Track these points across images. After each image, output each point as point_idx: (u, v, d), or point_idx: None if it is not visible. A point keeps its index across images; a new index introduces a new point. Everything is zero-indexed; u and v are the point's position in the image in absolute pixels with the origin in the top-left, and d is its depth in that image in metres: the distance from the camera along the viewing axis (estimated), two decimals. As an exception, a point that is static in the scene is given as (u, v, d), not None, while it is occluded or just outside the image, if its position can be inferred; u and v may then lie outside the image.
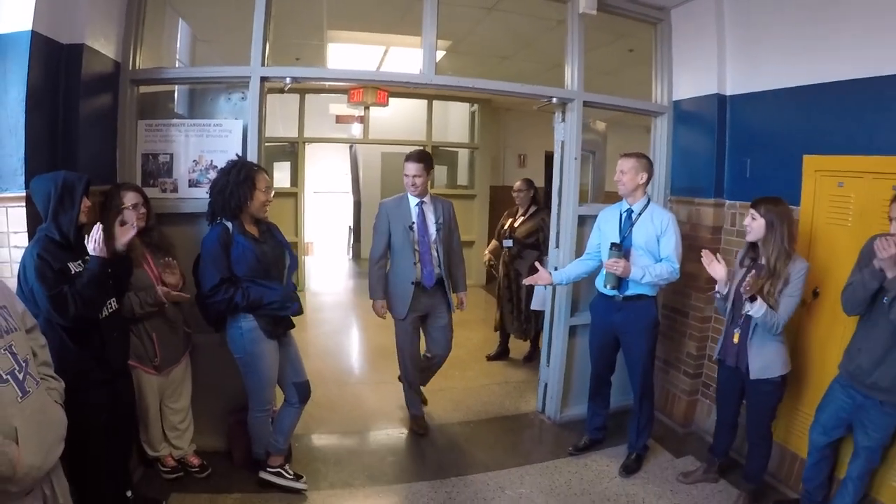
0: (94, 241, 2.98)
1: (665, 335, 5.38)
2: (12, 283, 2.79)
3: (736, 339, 3.90)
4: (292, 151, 10.37)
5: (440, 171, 11.71)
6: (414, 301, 4.89)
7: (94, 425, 2.94)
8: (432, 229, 4.92)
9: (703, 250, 4.02)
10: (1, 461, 1.90)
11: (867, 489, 3.65)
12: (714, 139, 5.09)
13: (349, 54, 7.86)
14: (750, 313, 3.70)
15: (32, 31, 3.27)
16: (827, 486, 3.83)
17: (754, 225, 3.80)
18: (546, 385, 5.50)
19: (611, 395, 4.95)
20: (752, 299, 3.66)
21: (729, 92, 5.06)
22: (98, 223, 3.07)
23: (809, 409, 3.88)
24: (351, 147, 12.85)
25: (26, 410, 2.09)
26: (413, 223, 4.86)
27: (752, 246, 3.91)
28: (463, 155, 11.87)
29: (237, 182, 3.70)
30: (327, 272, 12.53)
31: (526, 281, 4.82)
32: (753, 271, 3.83)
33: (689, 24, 5.29)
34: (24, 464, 1.99)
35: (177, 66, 5.17)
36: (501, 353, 7.03)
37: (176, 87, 4.71)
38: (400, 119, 10.79)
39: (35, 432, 2.11)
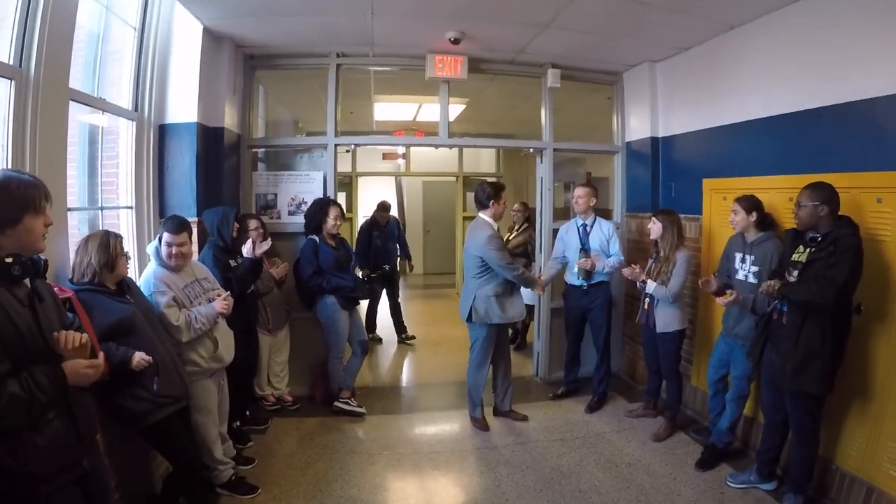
0: (248, 248, 4.82)
1: (627, 316, 6.94)
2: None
3: (646, 306, 5.43)
4: (348, 183, 12.05)
5: (471, 197, 12.86)
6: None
7: (238, 356, 4.49)
8: None
9: (625, 270, 5.56)
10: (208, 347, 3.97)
11: (743, 412, 4.93)
12: (650, 169, 6.65)
13: (391, 109, 9.57)
14: (647, 291, 5.31)
15: (197, 122, 5.32)
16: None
17: (654, 228, 5.35)
18: (538, 354, 7.16)
19: (580, 364, 6.51)
20: (644, 283, 5.32)
21: (660, 134, 6.62)
22: (249, 239, 4.90)
23: (857, 426, 4.04)
24: (397, 178, 14.34)
25: (220, 326, 4.10)
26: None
27: (656, 242, 5.41)
28: None
29: (316, 211, 5.77)
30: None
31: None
32: (651, 261, 5.45)
33: (635, 84, 6.91)
34: (220, 350, 4.04)
35: (258, 122, 7.08)
36: (513, 338, 8.26)
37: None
38: (438, 154, 11.84)
39: (223, 339, 4.13)
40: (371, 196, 12.81)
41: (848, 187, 4.01)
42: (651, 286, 5.28)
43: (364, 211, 12.52)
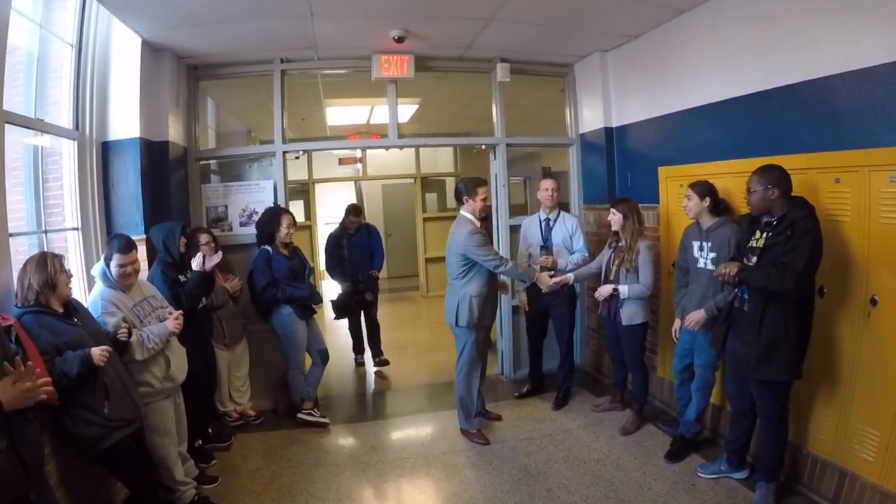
0: (198, 262, 4.67)
1: (591, 310, 6.83)
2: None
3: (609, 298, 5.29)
4: (304, 191, 11.77)
5: (431, 198, 13.10)
6: None
7: (193, 373, 4.37)
8: None
9: (596, 294, 5.40)
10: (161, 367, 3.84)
11: (708, 401, 4.88)
12: (605, 160, 6.59)
13: (343, 112, 9.40)
14: (623, 297, 5.14)
15: (140, 137, 5.12)
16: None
17: (614, 218, 5.21)
18: (502, 352, 7.06)
19: (543, 363, 6.43)
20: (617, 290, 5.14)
21: (614, 124, 6.56)
22: (200, 252, 4.78)
23: (826, 410, 3.98)
24: (356, 183, 14.16)
25: (172, 344, 3.97)
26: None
27: (616, 233, 5.27)
28: (450, 182, 13.09)
29: (267, 221, 5.62)
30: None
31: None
32: (610, 251, 5.35)
33: (586, 75, 6.84)
34: (172, 369, 3.92)
35: (208, 133, 6.91)
36: None
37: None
38: (395, 157, 11.69)
39: (175, 357, 4.01)
40: (330, 203, 12.68)
41: (805, 168, 3.97)
42: (625, 290, 5.14)
43: (324, 218, 12.38)
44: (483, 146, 7.06)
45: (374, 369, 7.67)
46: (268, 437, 5.59)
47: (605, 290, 5.25)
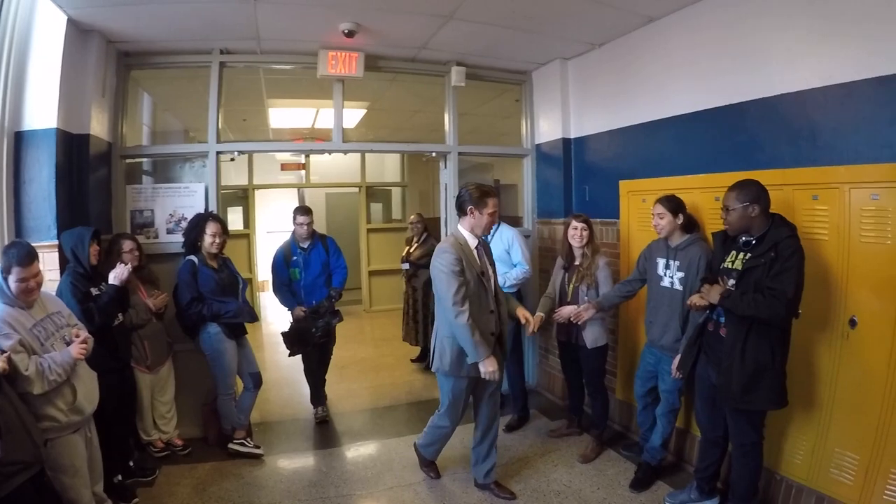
0: (116, 274, 4.29)
1: (543, 329, 6.43)
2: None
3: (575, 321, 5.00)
4: (244, 197, 11.47)
5: (376, 208, 12.83)
6: None
7: (110, 400, 4.02)
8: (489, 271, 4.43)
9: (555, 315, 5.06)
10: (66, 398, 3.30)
11: (675, 426, 4.72)
12: (562, 172, 6.45)
13: (287, 115, 8.99)
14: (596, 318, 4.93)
15: (56, 128, 4.59)
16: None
17: (580, 234, 4.97)
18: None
19: None
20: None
21: (572, 135, 6.43)
22: (119, 262, 4.40)
23: (801, 434, 3.92)
24: (300, 190, 13.76)
25: (78, 371, 3.47)
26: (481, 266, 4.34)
27: (570, 251, 5.08)
28: (396, 192, 13.03)
29: (192, 228, 5.19)
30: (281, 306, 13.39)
31: None
32: (563, 271, 5.16)
33: (545, 84, 6.71)
34: (80, 399, 3.38)
35: (143, 130, 6.50)
36: (422, 356, 8.06)
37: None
38: (340, 164, 11.70)
39: (83, 385, 3.49)
40: (271, 210, 12.31)
41: (781, 184, 3.90)
42: (591, 312, 4.88)
43: (265, 226, 12.01)
44: (434, 154, 6.83)
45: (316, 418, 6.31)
46: (196, 469, 5.11)
47: (567, 312, 4.97)
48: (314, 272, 6.12)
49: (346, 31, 5.31)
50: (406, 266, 7.96)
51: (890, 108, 3.41)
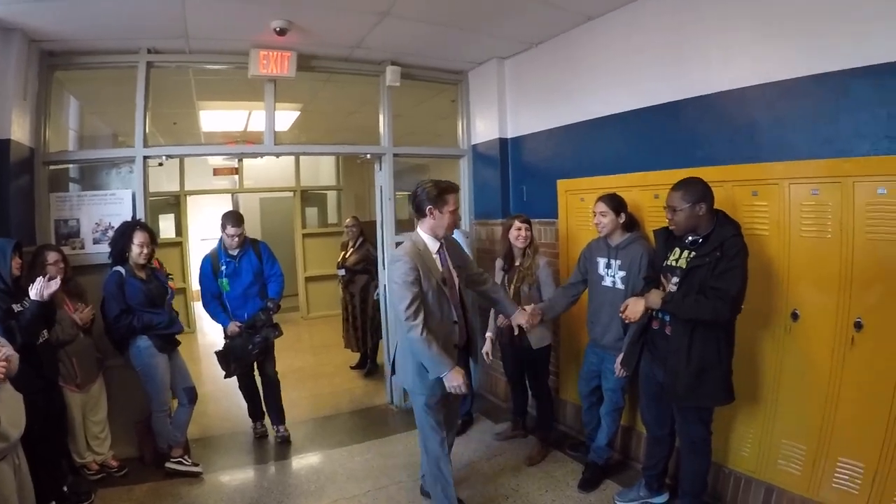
0: (36, 289, 3.93)
1: (482, 329, 6.54)
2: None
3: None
4: (176, 204, 11.02)
5: (311, 213, 12.60)
6: None
7: (37, 422, 3.68)
8: (454, 276, 4.06)
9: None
10: None
11: (619, 424, 4.72)
12: (499, 173, 6.39)
13: (219, 118, 8.68)
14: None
15: None
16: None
17: (525, 234, 4.89)
18: (391, 379, 6.54)
19: None
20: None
21: (509, 135, 6.37)
22: (40, 276, 4.03)
23: (748, 427, 3.99)
24: (234, 196, 13.23)
25: (1, 394, 3.16)
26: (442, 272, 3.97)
27: (510, 252, 5.01)
28: (332, 196, 12.82)
29: (118, 238, 4.89)
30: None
31: None
32: (503, 273, 5.09)
33: (481, 83, 6.63)
34: (4, 425, 3.08)
35: (70, 135, 6.08)
36: (362, 363, 7.96)
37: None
38: (274, 168, 11.47)
39: (6, 408, 3.16)
40: (205, 217, 11.95)
41: (720, 181, 3.89)
42: (538, 319, 4.67)
43: (198, 233, 11.66)
44: (368, 155, 6.63)
45: (278, 439, 5.81)
46: (133, 491, 4.81)
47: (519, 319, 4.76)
48: (245, 282, 5.58)
49: (278, 30, 5.10)
50: (342, 272, 7.79)
51: (828, 105, 3.46)
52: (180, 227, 11.00)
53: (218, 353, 5.51)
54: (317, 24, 5.18)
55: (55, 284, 4.08)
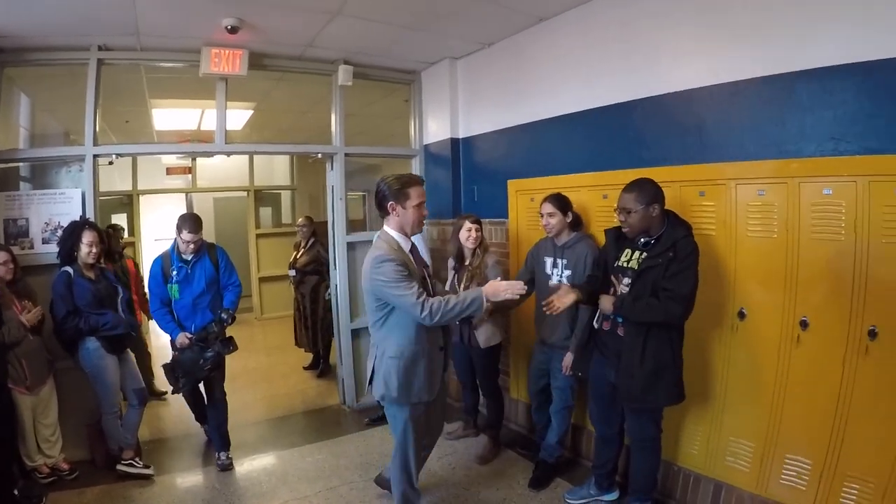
0: None
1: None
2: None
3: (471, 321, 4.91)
4: (129, 203, 10.78)
5: (265, 213, 12.44)
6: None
7: None
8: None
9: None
10: None
11: (570, 422, 4.72)
12: (451, 173, 6.33)
13: (172, 116, 8.31)
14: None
15: None
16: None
17: (476, 235, 4.84)
18: (343, 380, 6.49)
19: None
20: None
21: (461, 135, 6.32)
22: None
23: (696, 425, 4.03)
24: (188, 195, 12.84)
25: None
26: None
27: (461, 252, 4.97)
28: (286, 196, 12.63)
29: (67, 237, 4.72)
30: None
31: None
32: (453, 273, 5.03)
33: (434, 83, 6.56)
34: None
35: (20, 133, 5.85)
36: (315, 364, 7.86)
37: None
38: (228, 167, 11.29)
39: None
40: (158, 217, 11.70)
41: (669, 181, 3.87)
42: (486, 314, 4.76)
43: (151, 233, 11.40)
44: (320, 155, 6.50)
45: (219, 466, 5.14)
46: (85, 494, 4.66)
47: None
48: (196, 290, 5.06)
49: (229, 27, 4.96)
50: (293, 273, 7.70)
51: (775, 107, 3.48)
52: (133, 227, 10.73)
53: (165, 367, 4.95)
54: (268, 22, 5.06)
55: None
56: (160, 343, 9.27)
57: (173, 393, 5.09)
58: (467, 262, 4.92)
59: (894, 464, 3.07)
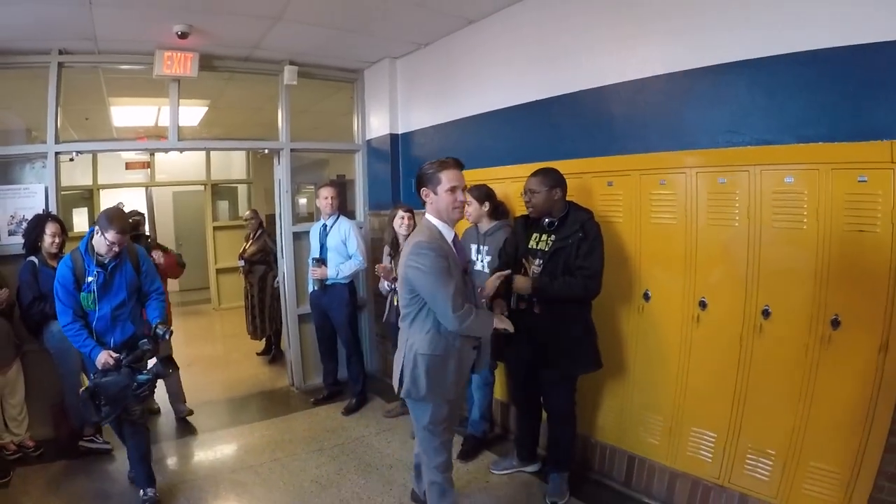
0: None
1: (377, 315, 6.45)
2: None
3: (395, 303, 4.91)
4: (89, 198, 10.63)
5: (222, 206, 12.32)
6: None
7: None
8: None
9: (378, 266, 5.07)
10: None
11: (490, 398, 4.82)
12: (391, 166, 6.38)
13: (130, 113, 8.14)
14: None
15: None
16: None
17: (406, 223, 4.98)
18: (291, 362, 6.55)
19: (339, 365, 6.07)
20: (395, 280, 4.84)
21: (400, 131, 6.37)
22: None
23: (610, 401, 4.13)
24: (147, 190, 12.85)
25: None
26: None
27: (393, 242, 5.11)
28: (243, 190, 12.50)
29: (31, 229, 4.79)
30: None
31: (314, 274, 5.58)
32: (389, 258, 5.13)
33: (375, 81, 6.58)
34: None
35: None
36: (267, 349, 7.87)
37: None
38: (185, 162, 11.19)
39: None
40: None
41: (580, 172, 4.03)
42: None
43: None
44: (266, 150, 6.56)
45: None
46: (49, 469, 4.73)
47: (379, 270, 5.03)
48: (116, 299, 4.04)
49: (180, 33, 5.03)
50: (242, 263, 7.71)
51: (676, 102, 3.60)
52: (94, 221, 10.52)
53: (82, 395, 3.88)
54: (216, 27, 5.10)
55: None
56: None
57: (93, 424, 4.49)
58: (401, 249, 4.96)
59: (791, 436, 3.18)
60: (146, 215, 11.83)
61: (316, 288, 5.68)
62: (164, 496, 4.22)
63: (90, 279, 3.93)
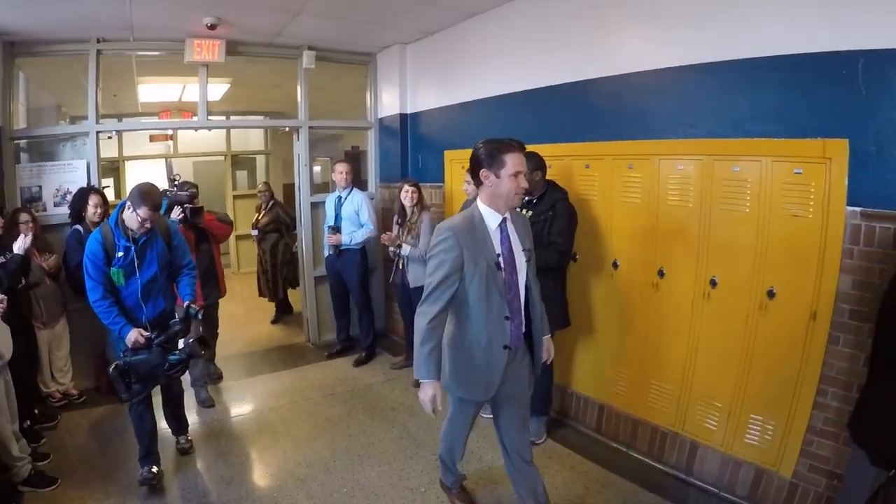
0: (20, 243, 4.30)
1: (386, 279, 6.84)
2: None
3: (400, 266, 5.56)
4: (116, 169, 11.00)
5: (241, 175, 12.65)
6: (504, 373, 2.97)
7: (18, 352, 3.99)
8: (521, 261, 2.98)
9: (384, 236, 5.65)
10: None
11: None
12: (400, 143, 6.79)
13: (155, 90, 8.57)
14: (403, 254, 5.43)
15: None
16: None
17: (414, 195, 5.46)
18: (307, 320, 7.05)
19: (350, 323, 6.56)
20: (399, 246, 5.42)
21: (408, 111, 6.74)
22: (22, 234, 4.40)
23: (585, 356, 4.58)
24: (167, 160, 13.16)
25: None
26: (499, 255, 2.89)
27: (403, 209, 5.54)
28: (261, 160, 12.80)
29: (76, 201, 5.26)
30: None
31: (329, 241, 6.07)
32: (397, 227, 5.59)
33: (387, 65, 6.94)
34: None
35: (19, 109, 6.09)
36: (278, 317, 8.34)
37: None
38: (207, 133, 10.97)
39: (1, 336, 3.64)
40: (141, 180, 11.85)
41: (562, 156, 4.45)
42: (406, 249, 5.39)
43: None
44: (287, 128, 7.00)
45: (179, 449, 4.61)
46: (92, 413, 5.23)
47: (385, 239, 5.64)
48: (148, 275, 3.88)
49: (209, 25, 5.44)
50: (255, 232, 8.17)
51: (645, 97, 3.99)
52: (119, 191, 10.84)
53: (113, 372, 3.70)
54: (241, 19, 5.50)
55: (29, 239, 4.46)
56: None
57: (124, 402, 3.98)
58: (408, 218, 5.48)
59: (733, 389, 3.60)
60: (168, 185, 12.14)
61: (331, 252, 6.13)
62: (196, 435, 4.76)
63: (120, 254, 3.78)
